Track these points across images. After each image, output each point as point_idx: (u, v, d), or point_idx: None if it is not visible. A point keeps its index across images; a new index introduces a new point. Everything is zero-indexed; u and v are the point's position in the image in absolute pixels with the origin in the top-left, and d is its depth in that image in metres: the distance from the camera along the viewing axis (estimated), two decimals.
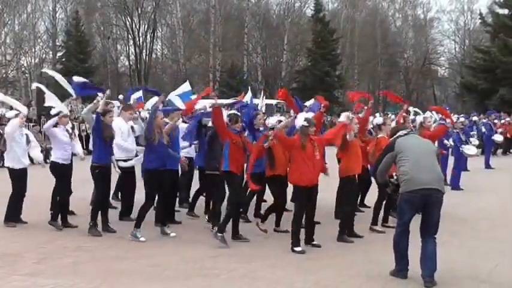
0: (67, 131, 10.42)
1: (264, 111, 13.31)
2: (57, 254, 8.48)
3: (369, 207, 11.50)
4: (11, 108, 11.53)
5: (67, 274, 7.46)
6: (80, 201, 11.50)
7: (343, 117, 10.07)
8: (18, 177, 10.40)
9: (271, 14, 57.07)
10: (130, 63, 55.67)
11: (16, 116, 10.51)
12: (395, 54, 60.13)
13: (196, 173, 11.71)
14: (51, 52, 52.03)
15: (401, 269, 7.40)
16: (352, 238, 9.51)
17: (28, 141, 10.58)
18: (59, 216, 10.14)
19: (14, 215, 10.41)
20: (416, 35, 61.25)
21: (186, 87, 12.38)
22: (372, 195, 11.45)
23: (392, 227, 9.83)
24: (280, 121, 10.29)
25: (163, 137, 9.53)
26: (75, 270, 7.68)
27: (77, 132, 10.97)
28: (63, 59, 46.85)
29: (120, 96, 20.16)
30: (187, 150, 11.57)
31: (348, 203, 9.84)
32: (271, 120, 10.66)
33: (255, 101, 15.96)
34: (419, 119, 12.77)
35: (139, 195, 10.19)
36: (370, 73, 59.22)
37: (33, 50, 50.88)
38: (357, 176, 9.82)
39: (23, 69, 49.90)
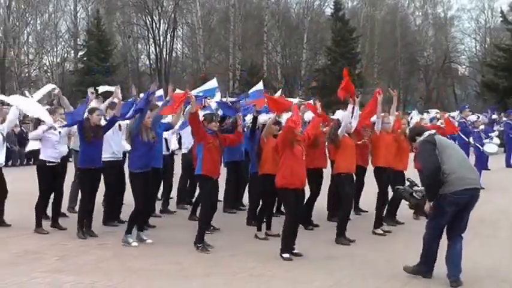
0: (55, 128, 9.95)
1: None
2: (78, 252, 8.55)
3: (366, 211, 11.42)
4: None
5: (88, 271, 7.54)
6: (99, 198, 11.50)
7: (338, 114, 9.83)
8: None
9: (291, 13, 56.95)
10: (151, 62, 55.88)
11: None
12: (416, 52, 59.68)
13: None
14: (72, 51, 52.40)
15: (429, 270, 7.26)
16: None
17: (4, 140, 10.21)
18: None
19: None
20: (437, 33, 60.78)
21: (212, 83, 12.30)
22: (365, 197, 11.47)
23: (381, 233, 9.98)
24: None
25: (149, 135, 9.05)
26: (96, 267, 7.75)
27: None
28: (85, 58, 47.07)
29: (141, 95, 20.22)
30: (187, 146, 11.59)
31: (343, 203, 9.44)
32: (264, 117, 10.20)
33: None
34: (415, 119, 12.46)
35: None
36: (390, 72, 58.83)
37: (55, 49, 51.31)
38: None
39: (45, 68, 50.30)
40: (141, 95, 16.74)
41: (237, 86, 49.51)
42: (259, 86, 13.81)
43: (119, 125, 10.30)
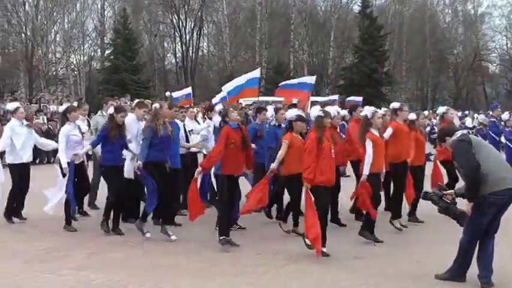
0: (78, 128, 10.12)
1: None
2: (104, 249, 8.59)
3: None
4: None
5: (114, 269, 7.56)
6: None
7: (367, 111, 9.44)
8: (17, 173, 10.27)
9: (318, 11, 56.68)
10: (177, 60, 56.00)
11: (15, 110, 10.39)
12: (445, 50, 58.97)
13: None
14: (99, 50, 52.69)
15: (463, 274, 7.06)
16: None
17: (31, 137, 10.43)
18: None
19: (13, 210, 10.38)
20: (467, 30, 59.99)
21: (256, 73, 12.00)
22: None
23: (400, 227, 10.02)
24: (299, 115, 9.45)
25: (167, 129, 9.14)
26: (122, 265, 7.76)
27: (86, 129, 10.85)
28: (111, 57, 47.29)
29: (167, 93, 20.14)
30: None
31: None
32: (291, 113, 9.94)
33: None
34: (441, 109, 12.22)
35: None
36: (418, 70, 58.23)
37: (82, 48, 51.62)
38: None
39: (72, 66, 50.64)
40: (167, 93, 16.75)
41: (263, 85, 49.39)
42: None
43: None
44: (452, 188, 9.28)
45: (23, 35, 46.52)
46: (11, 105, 10.85)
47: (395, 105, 10.52)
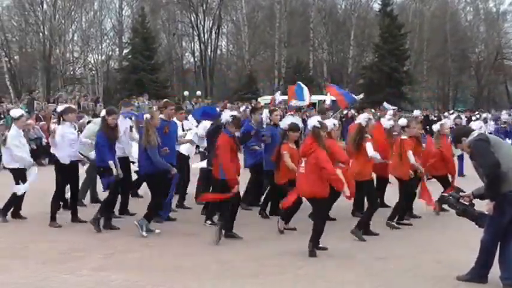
0: (74, 127, 10.38)
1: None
2: (123, 250, 8.57)
3: (389, 206, 11.04)
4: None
5: (134, 270, 7.48)
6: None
7: (361, 119, 9.71)
8: (18, 176, 10.38)
9: (338, 9, 56.30)
10: (196, 59, 55.86)
11: (20, 117, 10.44)
12: (466, 49, 58.46)
13: None
14: (117, 49, 52.75)
15: (485, 274, 6.98)
16: (370, 236, 9.34)
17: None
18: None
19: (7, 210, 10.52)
20: (488, 29, 59.44)
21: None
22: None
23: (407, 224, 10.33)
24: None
25: (156, 137, 9.33)
26: (142, 266, 7.70)
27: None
28: (129, 56, 47.21)
29: (186, 93, 19.88)
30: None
31: (369, 204, 9.55)
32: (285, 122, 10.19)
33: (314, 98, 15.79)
34: (436, 127, 11.96)
35: None
36: (439, 69, 57.72)
37: (100, 47, 51.67)
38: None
39: (90, 66, 50.69)
40: (185, 92, 16.50)
41: (282, 84, 49.01)
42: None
43: (130, 127, 10.61)
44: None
45: (40, 34, 46.72)
46: (14, 112, 10.84)
47: (402, 122, 10.60)
